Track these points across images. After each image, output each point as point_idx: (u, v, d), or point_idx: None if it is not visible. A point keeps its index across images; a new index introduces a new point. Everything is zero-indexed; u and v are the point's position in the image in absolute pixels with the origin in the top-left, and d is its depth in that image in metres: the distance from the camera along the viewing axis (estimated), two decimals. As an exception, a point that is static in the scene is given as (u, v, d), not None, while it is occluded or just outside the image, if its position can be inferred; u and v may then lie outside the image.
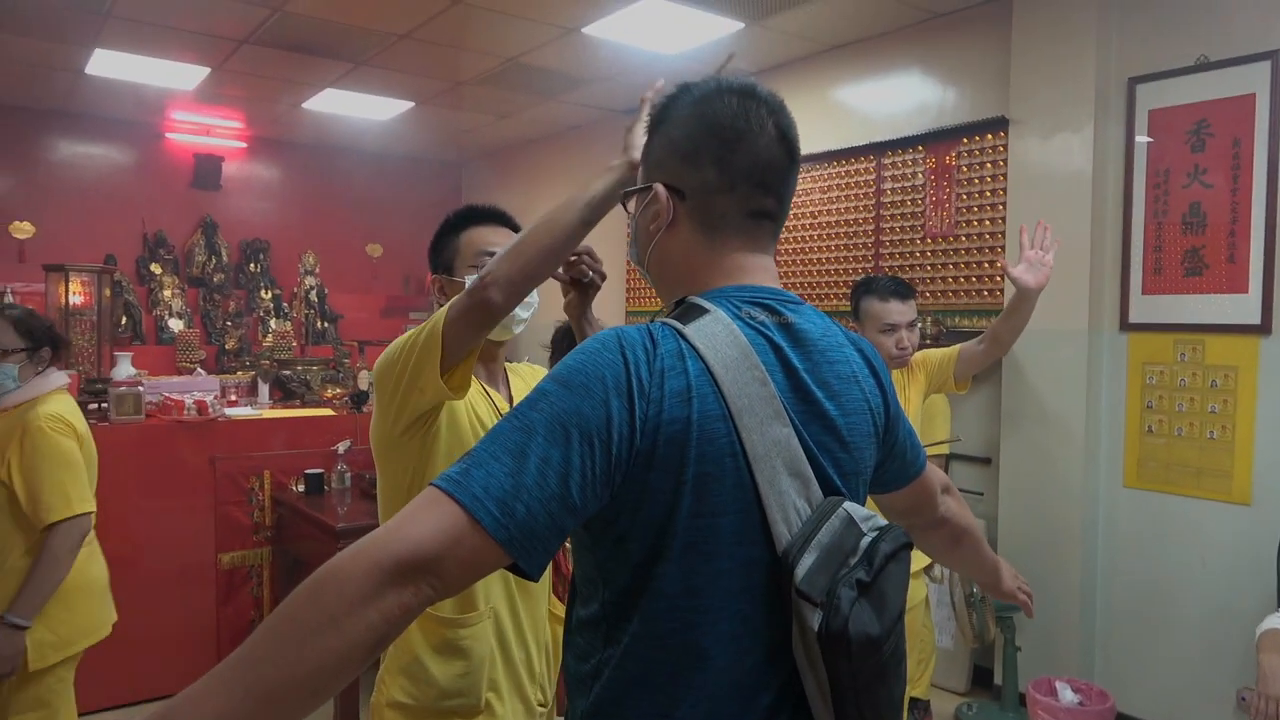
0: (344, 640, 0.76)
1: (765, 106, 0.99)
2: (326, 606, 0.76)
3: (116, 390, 3.66)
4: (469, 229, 1.66)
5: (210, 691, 0.75)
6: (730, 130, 0.98)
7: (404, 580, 0.77)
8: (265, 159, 6.97)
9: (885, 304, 2.61)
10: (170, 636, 3.63)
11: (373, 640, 0.77)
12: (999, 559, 1.46)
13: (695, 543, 0.88)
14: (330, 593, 0.77)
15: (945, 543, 1.34)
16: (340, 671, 0.77)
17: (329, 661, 0.75)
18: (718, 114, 0.98)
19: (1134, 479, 3.38)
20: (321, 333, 6.63)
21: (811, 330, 0.99)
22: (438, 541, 0.78)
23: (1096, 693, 3.14)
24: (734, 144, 0.97)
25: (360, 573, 0.77)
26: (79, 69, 4.99)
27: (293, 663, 0.75)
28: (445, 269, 1.66)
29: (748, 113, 0.98)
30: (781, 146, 1.00)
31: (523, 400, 0.88)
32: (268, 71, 5.05)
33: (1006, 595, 1.50)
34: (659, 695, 0.90)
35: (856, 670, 0.86)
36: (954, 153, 3.94)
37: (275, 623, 0.77)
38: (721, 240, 1.00)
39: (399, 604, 0.77)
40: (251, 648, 0.76)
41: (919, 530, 1.30)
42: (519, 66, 4.85)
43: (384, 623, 0.77)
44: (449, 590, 0.81)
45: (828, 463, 0.96)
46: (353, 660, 0.77)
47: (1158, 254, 3.30)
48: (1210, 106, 3.16)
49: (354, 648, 0.76)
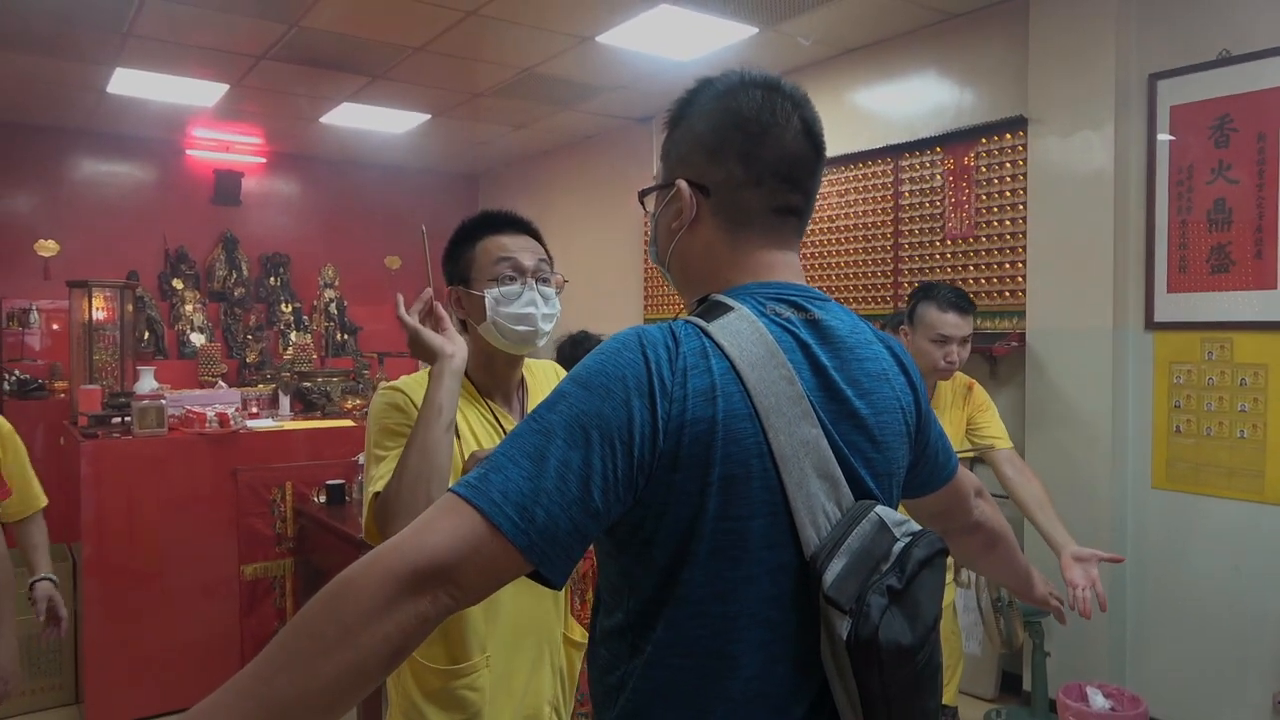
0: (359, 654, 0.74)
1: (790, 100, 0.97)
2: (341, 619, 0.74)
3: (139, 404, 3.69)
4: (485, 237, 1.56)
5: (224, 706, 0.74)
6: (755, 124, 0.95)
7: (421, 590, 0.75)
8: (284, 174, 7.02)
9: (943, 314, 2.55)
10: (194, 648, 3.64)
11: (389, 652, 0.75)
12: (1030, 565, 1.44)
13: (723, 547, 0.86)
14: (345, 605, 0.75)
15: (979, 548, 1.31)
16: (356, 685, 0.75)
17: (344, 675, 0.74)
18: (742, 107, 0.96)
19: (1162, 480, 3.32)
20: (341, 345, 6.66)
21: (839, 327, 0.97)
22: (456, 549, 0.77)
23: (1129, 698, 3.08)
24: (760, 138, 0.95)
25: (375, 584, 0.75)
26: (101, 88, 5.05)
27: (308, 677, 0.73)
28: (462, 280, 1.57)
29: (773, 106, 0.96)
30: (808, 141, 0.98)
31: (542, 402, 0.86)
32: (285, 87, 5.09)
33: (1039, 601, 1.47)
34: (686, 706, 0.88)
35: (888, 681, 0.84)
36: (972, 153, 3.91)
37: (289, 636, 0.76)
38: (746, 237, 0.98)
39: (416, 614, 0.75)
40: (266, 662, 0.75)
41: (952, 535, 1.26)
42: (534, 77, 4.87)
43: (400, 634, 0.75)
44: (469, 599, 0.79)
45: (859, 463, 0.93)
46: (368, 673, 0.75)
47: (1183, 251, 3.25)
48: (1233, 101, 3.11)
49: (369, 661, 0.74)
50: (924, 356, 2.51)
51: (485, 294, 1.52)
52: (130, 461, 3.58)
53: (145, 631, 2.61)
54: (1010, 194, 3.77)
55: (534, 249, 1.58)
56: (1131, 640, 3.39)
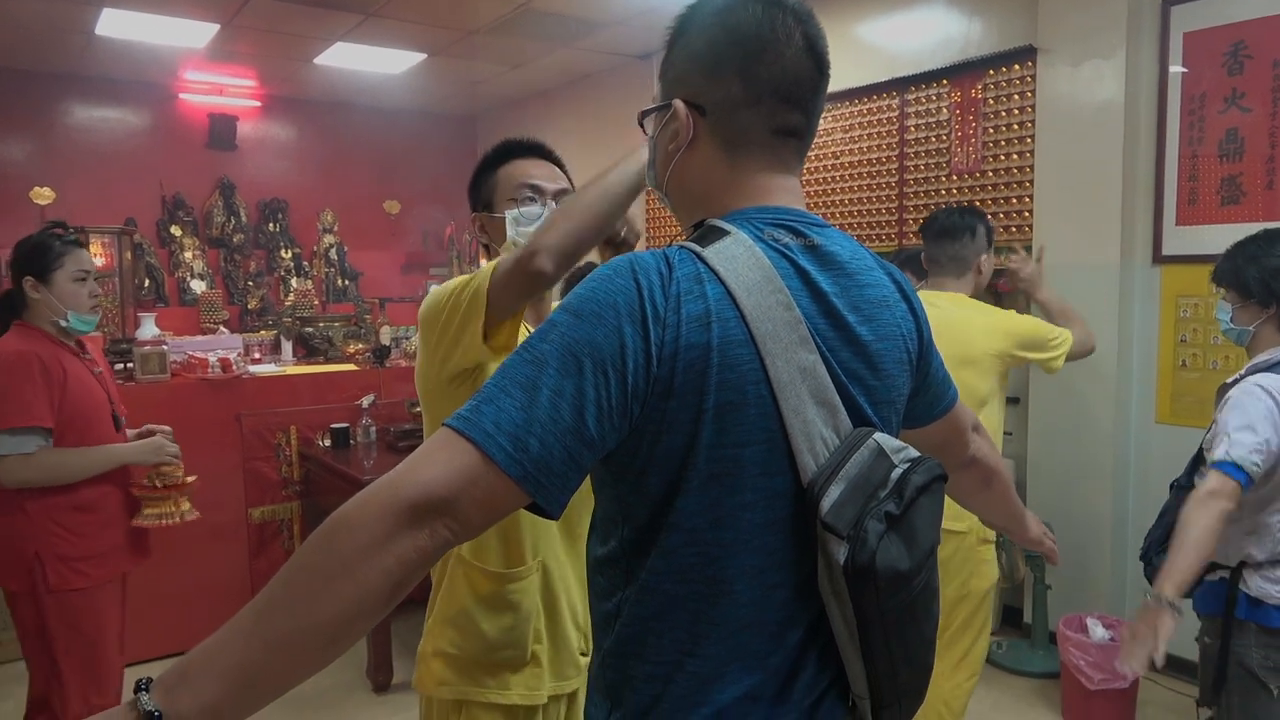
0: (360, 587, 0.74)
1: (793, 15, 0.93)
2: (340, 553, 0.74)
3: (141, 349, 3.68)
4: (507, 163, 1.59)
5: (226, 643, 0.74)
6: (755, 40, 0.91)
7: (419, 524, 0.75)
8: (279, 117, 6.92)
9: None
10: (204, 591, 3.69)
11: (389, 586, 0.75)
12: (1023, 505, 1.43)
13: (717, 474, 0.85)
14: (343, 539, 0.74)
15: (974, 485, 1.29)
16: (358, 619, 0.75)
17: (346, 609, 0.74)
18: (741, 22, 0.92)
19: (1166, 415, 3.32)
20: (342, 290, 6.64)
21: (840, 252, 0.94)
22: (451, 482, 0.76)
23: (1128, 630, 3.12)
24: (759, 54, 0.91)
25: (373, 518, 0.75)
26: (89, 30, 4.95)
27: (308, 611, 0.73)
28: (485, 206, 1.60)
29: (774, 21, 0.92)
30: (810, 58, 0.94)
31: (534, 333, 0.84)
32: (277, 26, 4.98)
33: (1033, 542, 1.46)
34: (681, 631, 0.88)
35: (885, 606, 0.84)
36: (980, 85, 3.82)
37: (290, 572, 0.75)
38: (744, 159, 0.94)
39: (415, 548, 0.75)
40: (267, 597, 0.75)
41: (948, 468, 1.26)
42: (532, 12, 4.75)
43: (400, 568, 0.75)
44: (468, 532, 0.79)
45: (858, 391, 0.92)
46: (369, 606, 0.75)
47: (1193, 183, 3.19)
48: (1248, 27, 3.02)
49: (370, 594, 0.74)
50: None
51: (505, 213, 1.55)
52: (134, 407, 3.56)
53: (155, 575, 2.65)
54: (1018, 127, 3.70)
55: (555, 175, 1.61)
56: (1133, 573, 3.42)
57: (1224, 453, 1.85)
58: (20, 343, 2.32)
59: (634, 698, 0.90)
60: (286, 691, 0.76)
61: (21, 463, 2.26)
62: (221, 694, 0.72)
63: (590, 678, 0.98)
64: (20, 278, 2.37)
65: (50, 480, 2.32)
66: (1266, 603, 1.91)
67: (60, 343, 2.40)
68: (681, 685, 0.88)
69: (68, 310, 2.37)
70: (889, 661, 0.87)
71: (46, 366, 2.29)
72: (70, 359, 2.39)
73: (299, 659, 0.74)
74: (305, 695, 3.31)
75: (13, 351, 2.28)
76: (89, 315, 2.43)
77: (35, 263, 2.36)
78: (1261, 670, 1.91)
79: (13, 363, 2.26)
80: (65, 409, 2.32)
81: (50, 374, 2.29)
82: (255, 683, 0.73)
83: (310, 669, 0.76)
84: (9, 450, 2.25)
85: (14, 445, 2.25)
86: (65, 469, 2.33)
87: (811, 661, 0.91)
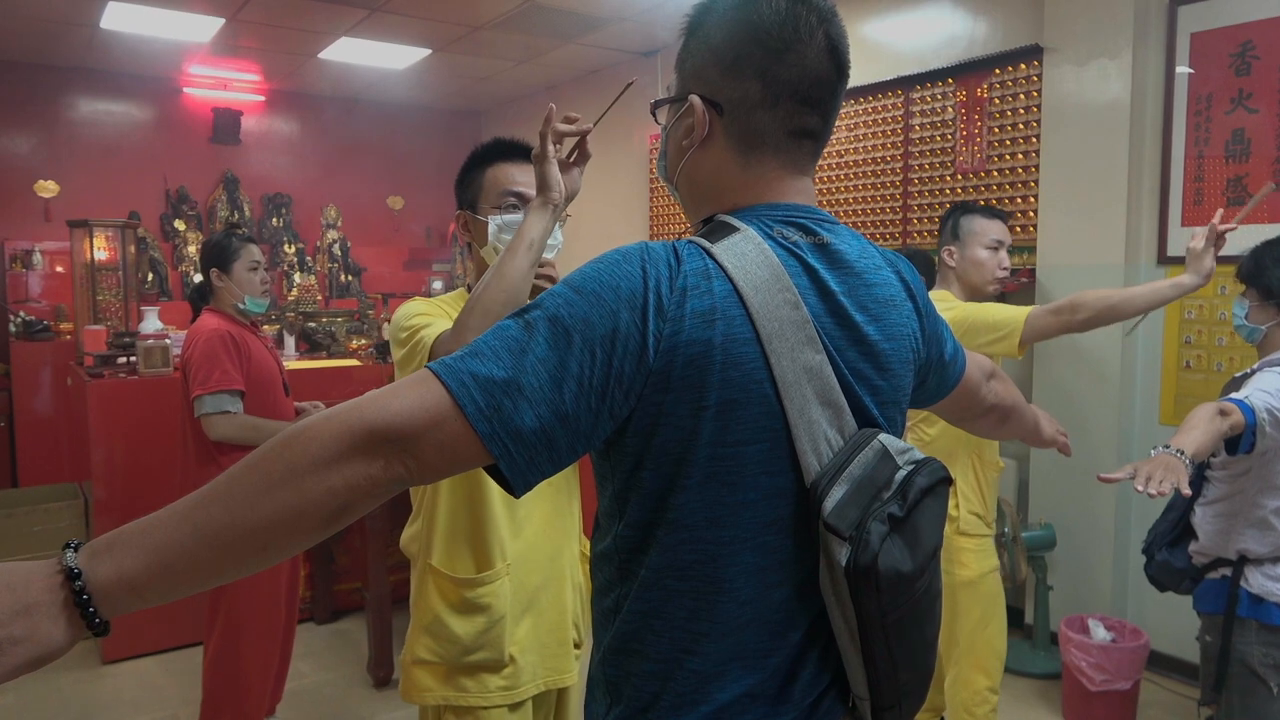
0: (301, 498, 0.73)
1: (816, 13, 0.91)
2: (290, 461, 0.73)
3: (144, 344, 3.68)
4: (494, 165, 1.59)
5: (161, 523, 0.73)
6: (777, 39, 0.89)
7: (374, 450, 0.75)
8: (284, 112, 6.92)
9: (990, 221, 2.51)
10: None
11: (332, 506, 0.74)
12: (1037, 412, 1.47)
13: (717, 472, 0.84)
14: (297, 449, 0.74)
15: (994, 424, 1.35)
16: (292, 532, 0.74)
17: (282, 517, 0.73)
18: (763, 19, 0.90)
19: (1170, 416, 3.31)
20: (345, 286, 6.65)
21: (848, 251, 0.94)
22: (416, 419, 0.75)
23: (1130, 630, 3.11)
24: (781, 54, 0.89)
25: (330, 435, 0.74)
26: (94, 24, 4.96)
27: (245, 509, 0.72)
28: (469, 205, 1.60)
29: (796, 19, 0.89)
30: (831, 60, 0.92)
31: (534, 300, 0.84)
32: (282, 20, 4.98)
33: (1047, 442, 1.50)
34: (680, 629, 0.88)
35: (886, 608, 0.83)
36: (985, 85, 3.81)
37: (238, 469, 0.75)
38: (759, 159, 0.93)
39: (365, 474, 0.74)
40: (210, 490, 0.74)
41: (967, 420, 1.31)
42: (537, 8, 4.75)
43: (346, 489, 0.74)
44: (423, 475, 0.78)
45: (864, 391, 0.91)
46: (306, 521, 0.74)
47: (1198, 184, 3.18)
48: (1256, 28, 3.01)
49: (310, 508, 0.73)
50: (979, 268, 2.48)
51: (489, 220, 1.55)
52: (137, 401, 3.59)
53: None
54: (1024, 126, 3.69)
55: None
56: (1134, 574, 3.41)
57: (1245, 395, 1.87)
58: (214, 322, 2.73)
59: (634, 694, 0.90)
60: (204, 587, 0.75)
61: (225, 420, 2.62)
62: (140, 568, 0.71)
63: (590, 673, 0.98)
64: (208, 270, 2.79)
65: (245, 439, 2.63)
66: (1268, 600, 1.93)
67: (240, 322, 2.80)
68: (681, 683, 0.88)
69: (244, 295, 2.79)
70: (889, 662, 0.87)
71: (235, 341, 2.69)
72: (249, 336, 2.78)
73: (224, 555, 0.73)
74: (306, 690, 3.31)
75: (211, 329, 2.69)
76: (261, 299, 2.84)
77: (218, 257, 2.77)
78: (1262, 668, 1.92)
79: (212, 338, 2.66)
80: (249, 377, 2.70)
81: (239, 347, 2.69)
82: (175, 566, 0.72)
83: (232, 570, 0.74)
84: (214, 409, 2.61)
85: (218, 404, 2.61)
86: (259, 431, 2.65)
87: (812, 661, 0.91)
